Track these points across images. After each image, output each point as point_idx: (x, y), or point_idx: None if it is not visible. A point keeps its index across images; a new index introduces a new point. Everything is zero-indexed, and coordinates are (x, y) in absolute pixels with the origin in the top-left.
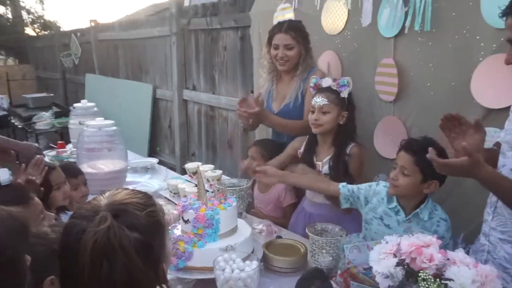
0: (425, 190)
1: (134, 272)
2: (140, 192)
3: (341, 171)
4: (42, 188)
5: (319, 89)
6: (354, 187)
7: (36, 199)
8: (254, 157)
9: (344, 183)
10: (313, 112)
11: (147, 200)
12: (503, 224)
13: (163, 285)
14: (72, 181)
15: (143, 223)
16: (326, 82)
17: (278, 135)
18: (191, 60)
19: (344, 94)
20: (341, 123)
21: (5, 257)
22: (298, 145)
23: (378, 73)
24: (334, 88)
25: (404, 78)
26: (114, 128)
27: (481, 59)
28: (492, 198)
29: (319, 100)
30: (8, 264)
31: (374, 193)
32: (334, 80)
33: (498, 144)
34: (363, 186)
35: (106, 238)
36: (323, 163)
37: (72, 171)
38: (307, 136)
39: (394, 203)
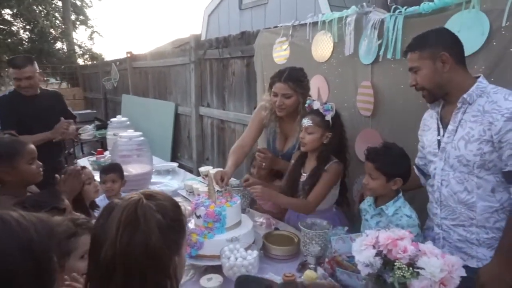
0: (393, 187)
1: (152, 245)
2: (169, 195)
3: (315, 182)
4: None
5: (309, 112)
6: None
7: (66, 201)
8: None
9: None
10: (301, 130)
11: (174, 201)
12: (452, 213)
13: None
14: (110, 176)
15: (168, 210)
16: (316, 105)
17: None
18: (206, 83)
19: (328, 117)
20: (325, 142)
21: (41, 258)
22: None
23: (359, 93)
24: (321, 111)
25: (379, 97)
26: (142, 138)
27: None
28: (435, 195)
29: (306, 122)
30: (42, 264)
31: None
32: (322, 104)
33: None
34: None
35: (133, 209)
36: (307, 174)
37: (114, 167)
38: (299, 150)
39: (371, 200)
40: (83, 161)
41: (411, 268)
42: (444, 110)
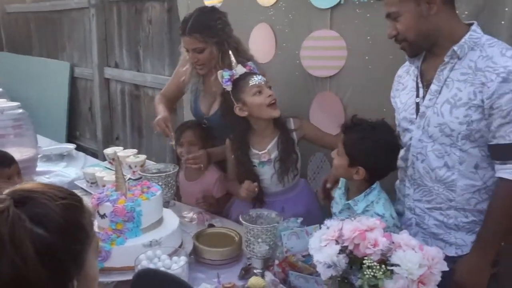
0: (354, 176)
1: (27, 276)
2: (61, 187)
3: (291, 149)
4: None
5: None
6: None
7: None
8: (193, 142)
9: None
10: (260, 92)
11: (66, 194)
12: (428, 194)
13: None
14: (4, 171)
15: (52, 217)
16: (241, 70)
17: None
18: (112, 35)
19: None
20: None
21: None
22: None
23: (305, 47)
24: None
25: None
26: (20, 111)
27: None
28: (408, 172)
29: (259, 78)
30: None
31: None
32: (245, 66)
33: None
34: None
35: None
36: (270, 150)
37: (3, 160)
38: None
39: (342, 189)
40: None
41: (383, 266)
42: (426, 65)
